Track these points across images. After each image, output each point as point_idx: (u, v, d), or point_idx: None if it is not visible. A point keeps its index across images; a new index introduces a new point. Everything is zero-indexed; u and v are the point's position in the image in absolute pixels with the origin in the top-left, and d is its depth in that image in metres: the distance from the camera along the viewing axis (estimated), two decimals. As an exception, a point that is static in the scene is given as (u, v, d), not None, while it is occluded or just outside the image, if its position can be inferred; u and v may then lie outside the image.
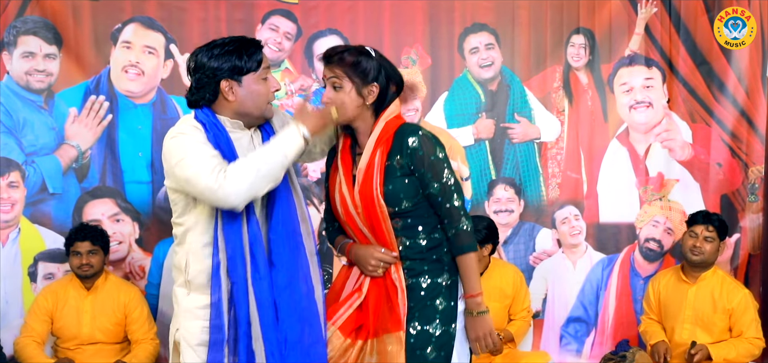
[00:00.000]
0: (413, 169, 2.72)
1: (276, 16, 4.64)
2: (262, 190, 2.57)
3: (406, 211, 2.74)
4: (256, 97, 2.67)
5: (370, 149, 2.72)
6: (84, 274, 4.15)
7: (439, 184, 2.73)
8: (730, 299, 4.11)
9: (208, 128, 2.63)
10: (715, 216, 4.22)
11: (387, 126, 2.75)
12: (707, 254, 4.13)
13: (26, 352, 4.12)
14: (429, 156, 2.71)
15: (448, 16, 4.72)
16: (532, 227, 4.79)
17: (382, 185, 2.71)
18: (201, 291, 2.67)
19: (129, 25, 4.56)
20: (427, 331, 2.72)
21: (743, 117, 4.73)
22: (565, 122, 4.78)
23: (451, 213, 2.74)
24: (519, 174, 4.76)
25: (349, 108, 2.72)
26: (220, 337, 2.62)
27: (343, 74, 2.72)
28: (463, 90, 4.75)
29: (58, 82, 4.53)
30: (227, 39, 2.70)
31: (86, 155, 4.55)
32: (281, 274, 2.66)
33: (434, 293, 2.75)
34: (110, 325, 4.20)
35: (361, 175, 2.73)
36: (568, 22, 4.75)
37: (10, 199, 4.48)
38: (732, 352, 4.05)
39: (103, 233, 4.23)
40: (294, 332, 2.67)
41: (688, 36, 4.73)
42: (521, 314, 4.38)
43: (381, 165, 2.71)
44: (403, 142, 2.71)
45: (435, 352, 2.72)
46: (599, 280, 4.80)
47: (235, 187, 2.51)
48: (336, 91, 2.73)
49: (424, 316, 2.73)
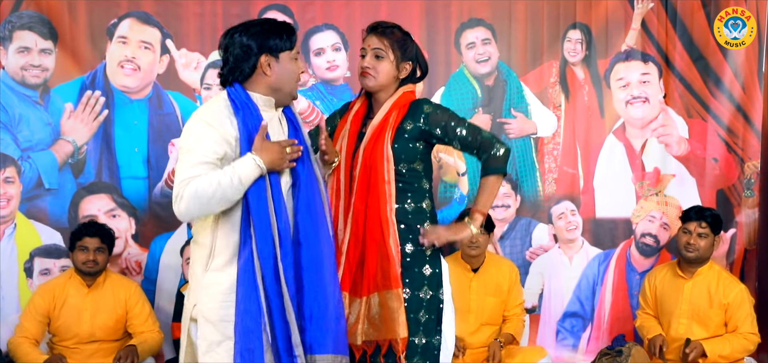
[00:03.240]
0: (429, 130, 2.98)
1: (272, 11, 4.63)
2: (214, 210, 2.71)
3: (399, 176, 2.98)
4: (289, 75, 2.83)
5: (386, 109, 3.01)
6: (88, 271, 4.13)
7: (464, 127, 3.00)
8: (726, 294, 4.12)
9: (239, 106, 2.75)
10: (708, 211, 4.22)
11: (404, 95, 3.05)
12: (702, 250, 4.13)
13: (20, 350, 4.09)
14: (446, 111, 3.04)
15: (445, 11, 4.72)
16: (528, 222, 4.80)
17: (392, 141, 2.96)
18: (223, 268, 2.75)
19: (125, 20, 4.56)
20: (418, 295, 2.97)
21: (739, 112, 4.73)
22: (561, 117, 4.78)
23: (483, 144, 3.00)
24: (515, 169, 4.77)
25: (385, 77, 3.02)
26: (255, 313, 2.71)
27: (389, 46, 3.01)
28: (459, 85, 4.75)
29: (54, 77, 4.52)
30: (264, 19, 2.98)
31: (82, 151, 4.54)
32: (307, 252, 2.79)
33: (419, 260, 2.98)
34: (110, 322, 4.19)
35: (372, 129, 2.98)
36: (564, 18, 4.75)
37: (6, 194, 4.47)
38: (726, 348, 4.06)
39: (111, 233, 4.22)
40: (319, 307, 2.79)
41: (684, 31, 4.74)
42: (515, 311, 4.38)
43: (394, 125, 2.98)
44: (418, 108, 3.02)
45: (427, 315, 2.97)
46: (595, 275, 4.81)
47: (186, 207, 2.68)
48: (377, 60, 3.01)
49: (413, 283, 2.97)
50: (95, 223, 4.23)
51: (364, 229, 2.96)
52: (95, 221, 4.31)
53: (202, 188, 2.65)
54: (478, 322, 4.29)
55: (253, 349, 2.71)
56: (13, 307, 4.44)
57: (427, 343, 2.96)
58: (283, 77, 2.81)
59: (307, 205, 2.81)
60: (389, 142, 2.96)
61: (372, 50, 3.02)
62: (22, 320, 4.19)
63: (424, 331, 2.96)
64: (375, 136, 2.98)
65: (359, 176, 2.98)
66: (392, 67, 3.02)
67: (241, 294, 2.71)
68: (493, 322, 4.34)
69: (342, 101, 4.69)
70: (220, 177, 2.66)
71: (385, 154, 2.95)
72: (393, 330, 2.90)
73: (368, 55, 3.02)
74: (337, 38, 4.68)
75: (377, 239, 2.94)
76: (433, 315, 2.98)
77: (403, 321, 2.90)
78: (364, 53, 3.04)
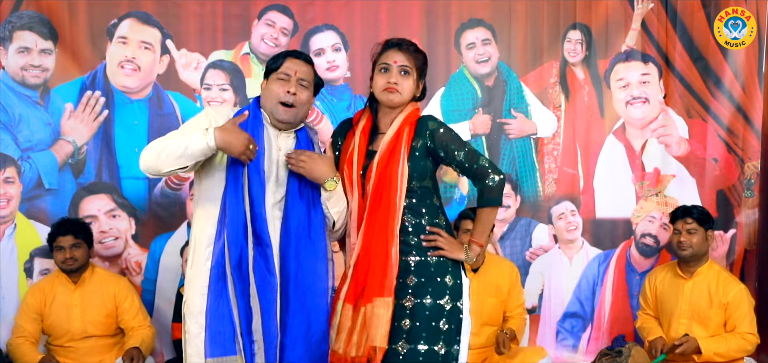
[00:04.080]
0: (434, 149, 3.00)
1: (272, 12, 4.63)
2: (166, 166, 2.84)
3: (412, 192, 3.00)
4: (269, 94, 3.01)
5: (398, 124, 3.02)
6: (69, 268, 4.15)
7: (463, 151, 3.00)
8: (726, 293, 4.12)
9: (252, 113, 3.00)
10: (693, 207, 4.23)
11: (414, 112, 3.06)
12: (695, 246, 4.13)
13: (20, 351, 4.11)
14: (448, 132, 3.03)
15: (445, 11, 4.72)
16: (528, 223, 4.80)
17: (407, 160, 2.98)
18: (204, 262, 2.93)
19: (125, 21, 4.56)
20: (439, 304, 2.97)
21: (739, 112, 4.73)
22: (561, 118, 4.78)
23: (478, 172, 3.01)
24: (515, 169, 4.77)
25: (409, 94, 3.04)
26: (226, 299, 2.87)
27: (414, 65, 3.04)
28: (459, 85, 4.75)
29: (54, 77, 4.52)
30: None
31: (82, 151, 4.54)
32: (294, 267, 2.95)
33: (441, 270, 3.00)
34: (101, 317, 4.20)
35: (386, 144, 2.99)
36: (564, 18, 4.75)
37: (6, 194, 4.47)
38: (722, 347, 4.05)
39: (86, 226, 4.24)
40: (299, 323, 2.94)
41: (684, 32, 4.74)
42: (517, 311, 4.38)
43: (408, 141, 3.00)
44: (424, 125, 3.02)
45: (448, 324, 2.98)
46: (595, 276, 4.81)
47: (144, 157, 2.88)
48: (403, 77, 3.02)
49: (435, 292, 2.98)
50: (67, 221, 4.24)
51: (372, 243, 2.97)
52: (67, 218, 4.32)
53: (157, 142, 2.88)
54: (478, 322, 4.27)
55: (222, 331, 2.85)
56: (13, 308, 4.43)
57: (447, 353, 2.97)
58: (265, 96, 3.03)
59: (295, 220, 2.96)
60: (405, 158, 2.97)
61: (399, 67, 3.02)
62: (17, 320, 4.22)
63: (446, 341, 2.97)
64: (389, 152, 2.98)
65: (372, 192, 2.98)
66: (414, 86, 3.05)
67: (213, 279, 2.88)
68: (493, 322, 4.34)
69: (342, 102, 4.73)
70: (173, 136, 2.88)
71: (400, 168, 2.97)
72: (372, 336, 2.91)
73: (394, 71, 3.01)
74: (337, 39, 4.68)
75: (382, 252, 2.95)
76: (453, 325, 2.99)
77: (384, 330, 2.91)
78: (386, 68, 3.02)
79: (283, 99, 2.96)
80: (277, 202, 2.97)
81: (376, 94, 3.05)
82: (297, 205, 2.98)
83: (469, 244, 3.05)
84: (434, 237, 3.00)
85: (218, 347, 2.85)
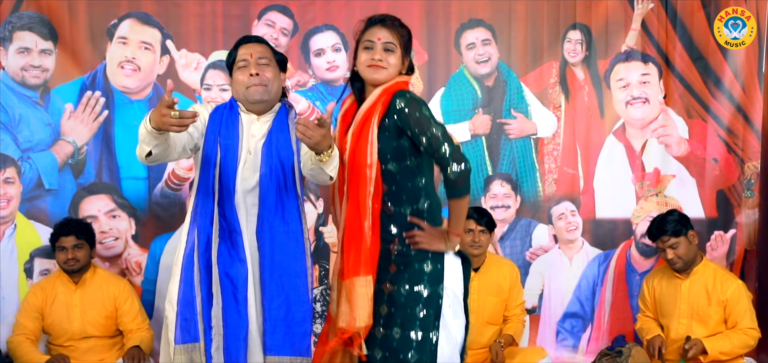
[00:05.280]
0: (403, 129, 2.90)
1: (272, 12, 4.63)
2: (138, 153, 2.96)
3: (390, 176, 2.93)
4: (237, 86, 3.15)
5: (373, 98, 2.95)
6: (71, 269, 4.15)
7: (427, 137, 2.87)
8: (724, 290, 4.12)
9: (225, 108, 3.14)
10: (663, 222, 4.14)
11: (387, 89, 2.96)
12: (684, 257, 4.12)
13: (20, 349, 4.11)
14: (414, 112, 2.89)
15: (445, 11, 4.72)
16: (528, 223, 4.80)
17: (377, 136, 2.91)
18: (180, 250, 3.12)
19: (125, 21, 4.56)
20: (416, 291, 2.93)
21: (739, 112, 4.73)
22: (561, 118, 4.78)
23: (441, 161, 2.89)
24: (515, 170, 4.77)
25: (393, 71, 2.98)
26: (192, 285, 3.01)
27: (399, 42, 3.00)
28: (459, 86, 4.74)
29: (54, 77, 4.52)
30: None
31: (82, 151, 4.54)
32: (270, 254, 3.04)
33: (420, 256, 2.94)
34: (101, 318, 4.20)
35: (361, 114, 2.96)
36: (564, 18, 4.75)
37: (6, 195, 4.47)
38: (727, 345, 4.06)
39: (88, 227, 4.23)
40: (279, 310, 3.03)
41: (684, 32, 4.74)
42: (516, 312, 4.38)
43: (380, 115, 2.91)
44: (393, 103, 2.92)
45: (424, 310, 2.93)
46: (595, 276, 4.81)
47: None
48: (387, 53, 2.97)
49: (412, 279, 2.93)
50: (69, 221, 4.24)
51: (350, 219, 2.96)
52: (70, 218, 4.32)
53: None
54: (478, 321, 4.28)
55: (188, 318, 2.97)
56: (13, 308, 4.43)
57: (423, 339, 2.91)
58: (234, 88, 3.18)
59: (269, 205, 3.05)
60: (375, 126, 2.90)
61: (382, 43, 2.97)
62: (18, 318, 4.21)
63: (421, 327, 2.91)
64: (362, 121, 2.95)
65: (349, 164, 2.97)
66: (399, 62, 3.00)
67: (184, 267, 3.04)
68: (494, 321, 4.34)
69: (342, 102, 4.74)
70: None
71: (369, 137, 2.90)
72: (353, 317, 2.90)
73: (378, 48, 2.96)
74: (337, 39, 4.68)
75: (357, 224, 2.92)
76: (431, 310, 2.93)
77: (366, 311, 2.89)
78: (370, 45, 2.98)
79: (247, 83, 3.06)
80: (250, 188, 3.06)
81: (360, 72, 3.01)
82: (270, 190, 3.05)
83: (448, 235, 2.98)
84: (413, 233, 2.95)
85: (186, 334, 2.96)
